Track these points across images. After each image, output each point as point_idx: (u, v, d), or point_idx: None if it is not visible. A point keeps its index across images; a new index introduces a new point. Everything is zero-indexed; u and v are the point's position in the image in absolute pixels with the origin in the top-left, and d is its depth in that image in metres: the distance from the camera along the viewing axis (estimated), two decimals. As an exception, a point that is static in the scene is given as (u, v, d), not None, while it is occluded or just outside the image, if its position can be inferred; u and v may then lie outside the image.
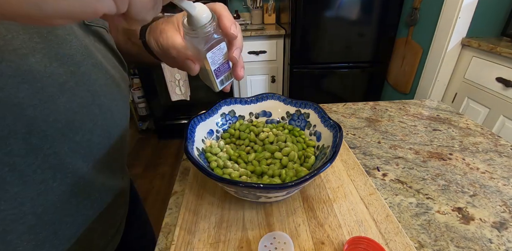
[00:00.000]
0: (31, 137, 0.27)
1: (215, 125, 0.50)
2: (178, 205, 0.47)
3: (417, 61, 1.68)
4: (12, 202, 0.27)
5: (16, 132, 0.26)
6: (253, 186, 0.32)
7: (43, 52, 0.27)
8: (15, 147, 0.26)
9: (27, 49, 0.26)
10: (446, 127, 0.69)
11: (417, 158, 0.57)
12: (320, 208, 0.42)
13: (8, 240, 0.28)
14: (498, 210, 0.44)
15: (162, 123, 2.23)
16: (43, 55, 0.27)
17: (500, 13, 1.35)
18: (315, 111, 0.49)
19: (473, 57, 1.37)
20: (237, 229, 0.39)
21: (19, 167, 0.27)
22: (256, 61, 2.08)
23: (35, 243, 0.30)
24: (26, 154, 0.27)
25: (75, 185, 0.33)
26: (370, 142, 0.63)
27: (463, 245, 0.38)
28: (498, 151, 0.59)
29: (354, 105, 0.82)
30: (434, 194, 0.48)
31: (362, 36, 1.84)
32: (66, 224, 0.33)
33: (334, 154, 0.36)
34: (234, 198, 0.44)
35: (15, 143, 0.26)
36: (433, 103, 0.82)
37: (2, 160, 0.25)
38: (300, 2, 1.70)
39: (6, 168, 0.26)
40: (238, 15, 2.33)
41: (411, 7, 1.67)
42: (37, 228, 0.30)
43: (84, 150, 0.33)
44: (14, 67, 0.25)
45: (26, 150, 0.27)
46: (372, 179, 0.52)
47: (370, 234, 0.37)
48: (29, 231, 0.29)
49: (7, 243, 0.28)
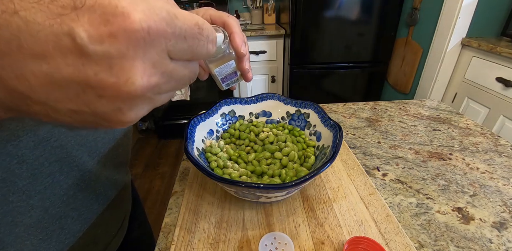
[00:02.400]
0: (39, 129, 0.27)
1: (215, 125, 0.50)
2: (178, 205, 0.47)
3: (417, 61, 1.68)
4: (21, 195, 0.27)
5: (24, 124, 0.26)
6: (253, 186, 0.32)
7: None
8: (24, 139, 0.26)
9: None
10: (446, 127, 0.69)
11: (417, 158, 0.57)
12: (320, 208, 0.42)
13: (15, 232, 0.28)
14: (498, 210, 0.44)
15: (162, 123, 2.23)
16: None
17: (500, 13, 1.35)
18: (315, 111, 0.49)
19: (473, 57, 1.37)
20: (237, 229, 0.39)
21: (27, 159, 0.27)
22: (256, 61, 2.08)
23: (42, 237, 0.31)
24: (34, 146, 0.27)
25: (81, 179, 0.34)
26: (370, 142, 0.63)
27: (463, 245, 0.38)
28: (498, 151, 0.59)
29: (354, 105, 0.82)
30: (434, 194, 0.48)
31: (362, 36, 1.84)
32: (72, 219, 0.34)
33: (334, 154, 0.36)
34: (234, 198, 0.44)
35: (24, 135, 0.26)
36: (433, 103, 0.82)
37: (11, 152, 0.26)
38: (300, 2, 1.70)
39: (15, 160, 0.26)
40: (238, 15, 2.33)
41: (411, 7, 1.67)
42: (44, 222, 0.30)
43: (89, 144, 0.34)
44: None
45: (34, 142, 0.27)
46: (372, 179, 0.51)
47: (370, 234, 0.37)
48: (36, 225, 0.30)
49: (14, 236, 0.28)
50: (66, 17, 0.13)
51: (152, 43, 0.14)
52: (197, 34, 0.16)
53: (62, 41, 0.13)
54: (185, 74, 0.18)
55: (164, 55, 0.15)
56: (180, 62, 0.17)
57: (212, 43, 0.18)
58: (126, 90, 0.14)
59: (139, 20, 0.13)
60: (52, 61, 0.13)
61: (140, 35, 0.13)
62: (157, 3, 0.14)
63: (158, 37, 0.14)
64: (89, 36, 0.13)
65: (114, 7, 0.13)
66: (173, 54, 0.16)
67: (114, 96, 0.14)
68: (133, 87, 0.14)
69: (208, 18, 0.37)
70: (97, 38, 0.13)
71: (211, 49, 0.18)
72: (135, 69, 0.14)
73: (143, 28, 0.13)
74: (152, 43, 0.14)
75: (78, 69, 0.13)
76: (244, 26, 2.17)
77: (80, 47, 0.13)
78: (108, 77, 0.14)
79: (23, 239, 0.29)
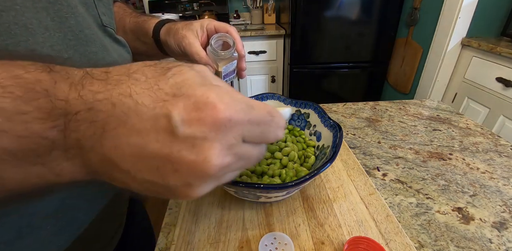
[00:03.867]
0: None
1: (215, 125, 0.50)
2: (178, 205, 0.47)
3: (417, 61, 1.68)
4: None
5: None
6: (253, 186, 0.32)
7: (74, 49, 0.30)
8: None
9: (62, 46, 0.28)
10: (446, 127, 0.69)
11: (417, 158, 0.57)
12: (320, 208, 0.42)
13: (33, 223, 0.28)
14: (498, 210, 0.44)
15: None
16: (74, 51, 0.30)
17: (500, 13, 1.35)
18: (315, 111, 0.49)
19: (473, 57, 1.37)
20: (237, 229, 0.39)
21: None
22: (256, 61, 2.08)
23: (57, 228, 0.31)
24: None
25: None
26: (370, 142, 0.63)
27: (463, 245, 0.38)
28: (498, 151, 0.59)
29: (354, 105, 0.82)
30: (434, 194, 0.48)
31: (362, 36, 1.84)
32: (84, 211, 0.35)
33: (334, 154, 0.36)
34: (234, 198, 0.44)
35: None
36: (433, 103, 0.82)
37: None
38: (300, 2, 1.70)
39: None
40: (238, 15, 2.33)
41: (411, 7, 1.67)
42: (59, 212, 0.31)
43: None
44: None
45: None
46: (372, 179, 0.51)
47: (370, 234, 0.37)
48: (53, 215, 0.30)
49: (32, 226, 0.28)
50: (167, 102, 0.15)
51: (231, 129, 0.16)
52: (269, 121, 0.19)
53: (160, 121, 0.15)
54: (253, 155, 0.19)
55: (239, 139, 0.17)
56: (251, 144, 0.19)
57: (281, 129, 0.20)
58: (201, 167, 0.16)
59: (224, 110, 0.16)
60: (146, 137, 0.15)
61: (222, 122, 0.16)
62: (238, 96, 0.18)
63: (236, 124, 0.16)
64: (182, 119, 0.15)
65: (206, 98, 0.16)
66: (247, 138, 0.18)
67: (189, 172, 0.16)
68: (208, 165, 0.16)
69: (213, 28, 0.46)
70: (187, 121, 0.15)
71: (280, 134, 0.20)
72: (213, 150, 0.16)
73: (226, 116, 0.16)
74: (231, 129, 0.16)
75: (165, 146, 0.15)
76: (244, 26, 2.16)
77: (172, 127, 0.15)
78: (188, 155, 0.15)
79: (40, 229, 0.29)
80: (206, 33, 0.46)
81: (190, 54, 0.44)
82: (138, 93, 0.16)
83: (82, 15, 0.31)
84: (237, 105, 0.17)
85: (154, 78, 0.16)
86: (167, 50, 0.49)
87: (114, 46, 0.39)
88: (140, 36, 0.49)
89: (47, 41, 0.27)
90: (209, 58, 0.44)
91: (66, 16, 0.28)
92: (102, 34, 0.36)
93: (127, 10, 0.52)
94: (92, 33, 0.33)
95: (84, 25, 0.31)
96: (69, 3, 0.29)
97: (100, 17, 0.35)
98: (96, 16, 0.34)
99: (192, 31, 0.45)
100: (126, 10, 0.52)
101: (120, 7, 0.52)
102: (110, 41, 0.38)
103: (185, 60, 0.49)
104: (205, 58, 0.44)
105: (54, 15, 0.27)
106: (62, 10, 0.28)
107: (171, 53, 0.49)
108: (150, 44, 0.49)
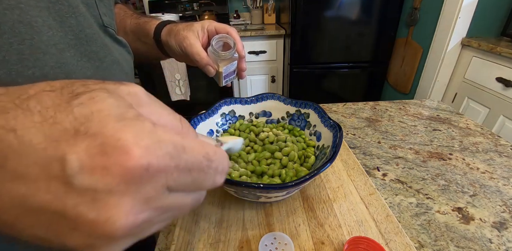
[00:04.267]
0: None
1: (215, 125, 0.50)
2: (178, 205, 0.47)
3: (417, 61, 1.68)
4: None
5: None
6: (253, 186, 0.32)
7: (75, 48, 0.30)
8: None
9: (64, 45, 0.29)
10: (446, 127, 0.69)
11: (417, 158, 0.57)
12: (320, 208, 0.42)
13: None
14: (498, 210, 0.44)
15: (162, 123, 2.22)
16: (75, 50, 0.30)
17: (500, 13, 1.35)
18: (315, 111, 0.49)
19: (473, 57, 1.37)
20: (237, 229, 0.39)
21: None
22: (256, 61, 2.08)
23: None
24: None
25: None
26: (370, 142, 0.63)
27: (463, 245, 0.38)
28: (498, 151, 0.59)
29: (354, 105, 0.82)
30: (434, 194, 0.48)
31: (362, 36, 1.84)
32: None
33: (334, 154, 0.36)
34: (234, 198, 0.44)
35: None
36: (433, 103, 0.82)
37: None
38: (300, 2, 1.70)
39: None
40: (238, 15, 2.33)
41: (411, 7, 1.67)
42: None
43: None
44: (55, 59, 0.27)
45: None
46: (372, 179, 0.51)
47: (370, 234, 0.37)
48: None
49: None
50: (64, 142, 0.12)
51: (150, 179, 0.13)
52: (204, 167, 0.16)
53: (51, 166, 0.12)
54: (186, 203, 0.16)
55: (162, 190, 0.14)
56: (181, 192, 0.16)
57: (221, 175, 0.17)
58: (103, 229, 0.12)
59: (139, 156, 0.12)
60: (32, 186, 0.12)
61: (136, 172, 0.12)
62: (165, 136, 0.14)
63: (158, 173, 0.13)
64: (81, 166, 0.12)
65: (116, 140, 0.12)
66: (175, 187, 0.15)
67: (90, 232, 0.13)
68: (113, 227, 0.12)
69: (213, 29, 0.46)
70: (88, 169, 0.12)
71: (218, 180, 0.17)
72: (120, 207, 0.12)
73: (141, 165, 0.12)
74: (150, 179, 0.13)
75: (57, 198, 0.12)
76: (244, 26, 2.16)
77: (67, 175, 0.12)
78: (87, 212, 0.12)
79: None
80: (207, 34, 0.46)
81: (191, 54, 0.45)
82: (26, 128, 0.12)
83: (83, 15, 0.31)
84: (160, 149, 0.13)
85: (53, 108, 0.13)
86: (168, 51, 0.49)
87: (115, 46, 0.39)
88: (141, 37, 0.49)
89: (51, 40, 0.27)
90: (210, 59, 0.45)
91: (67, 15, 0.29)
92: (103, 34, 0.36)
93: (127, 11, 0.53)
94: (93, 33, 0.33)
95: (85, 25, 0.31)
96: (70, 3, 0.29)
97: (102, 18, 0.35)
98: (97, 16, 0.34)
99: (193, 32, 0.45)
100: (126, 11, 0.52)
101: (121, 9, 0.52)
102: (111, 42, 0.38)
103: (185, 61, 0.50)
104: (206, 58, 0.44)
105: (55, 15, 0.27)
106: (63, 10, 0.28)
107: (172, 54, 0.49)
108: (150, 45, 0.49)
